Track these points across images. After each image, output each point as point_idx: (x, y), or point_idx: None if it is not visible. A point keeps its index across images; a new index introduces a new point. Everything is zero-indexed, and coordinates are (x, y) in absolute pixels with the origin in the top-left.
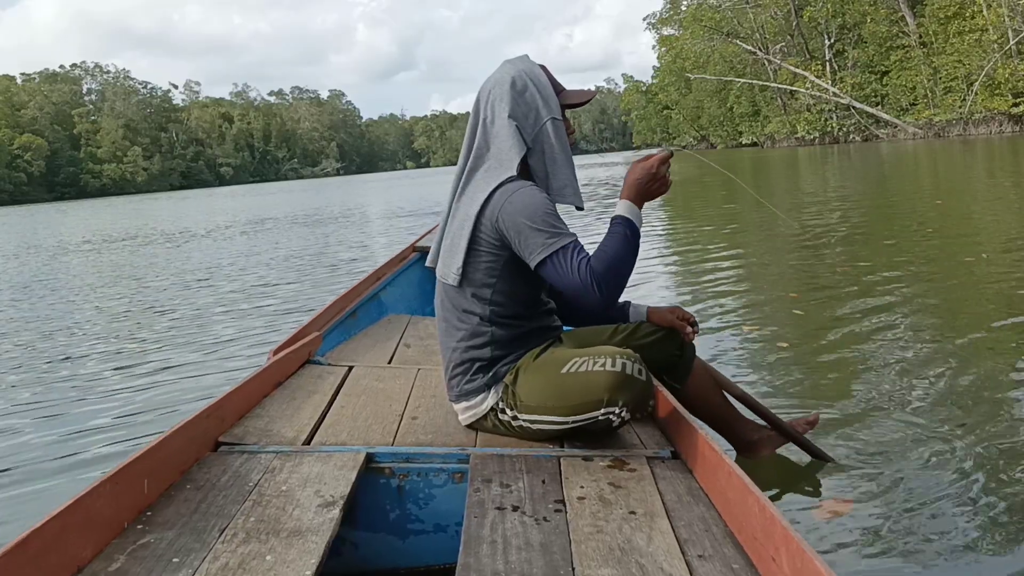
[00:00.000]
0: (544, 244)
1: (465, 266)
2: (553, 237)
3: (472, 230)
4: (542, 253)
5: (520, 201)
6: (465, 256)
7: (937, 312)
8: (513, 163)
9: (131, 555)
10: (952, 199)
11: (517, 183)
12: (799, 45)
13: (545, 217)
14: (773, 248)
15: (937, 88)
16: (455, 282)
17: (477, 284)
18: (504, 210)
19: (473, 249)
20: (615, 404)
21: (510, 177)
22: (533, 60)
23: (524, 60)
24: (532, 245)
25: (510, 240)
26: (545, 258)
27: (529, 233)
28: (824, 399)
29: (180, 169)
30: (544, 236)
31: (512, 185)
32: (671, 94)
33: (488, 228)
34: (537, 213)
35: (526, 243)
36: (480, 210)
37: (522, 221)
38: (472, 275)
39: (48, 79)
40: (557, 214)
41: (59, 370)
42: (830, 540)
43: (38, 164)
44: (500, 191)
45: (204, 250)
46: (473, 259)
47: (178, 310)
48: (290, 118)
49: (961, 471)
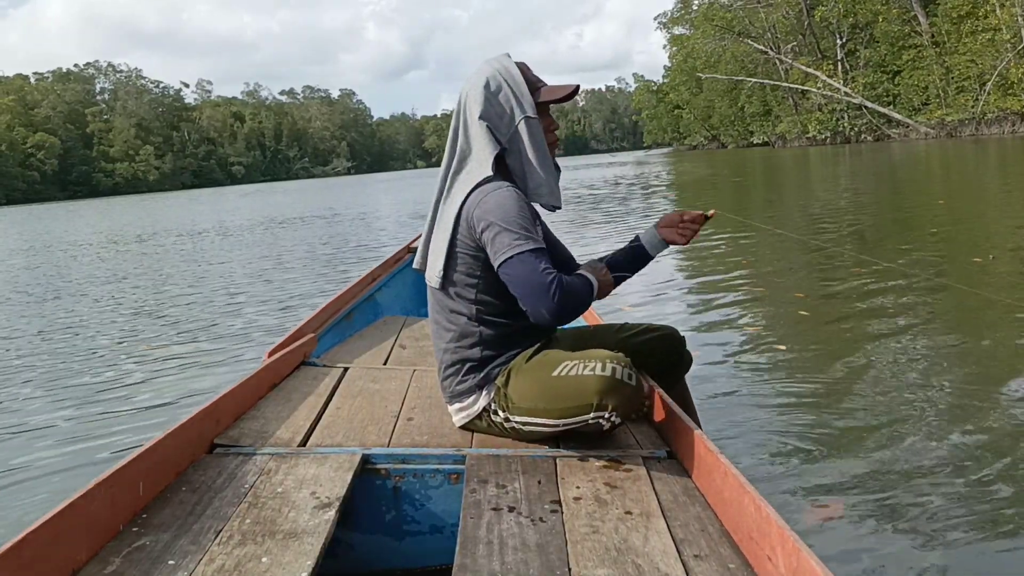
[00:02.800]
0: (511, 244)
1: (446, 268)
2: (521, 239)
3: (452, 231)
4: (507, 252)
5: (494, 201)
6: (446, 258)
7: (942, 314)
8: (487, 163)
9: (126, 558)
10: (962, 200)
11: (494, 183)
12: (811, 44)
13: (517, 219)
14: (781, 247)
15: (949, 88)
16: (437, 284)
17: (460, 285)
18: (478, 209)
19: (453, 250)
20: (604, 408)
21: (487, 177)
22: (512, 58)
23: (502, 59)
24: (499, 244)
25: (481, 240)
26: (510, 257)
27: (498, 232)
28: (823, 400)
29: (192, 168)
30: (512, 236)
31: (488, 186)
32: (682, 93)
33: (464, 229)
34: (510, 214)
35: (494, 242)
36: (458, 211)
37: (493, 220)
38: (454, 276)
39: (61, 78)
40: (531, 219)
41: (55, 371)
42: (826, 539)
43: (51, 163)
44: (476, 191)
45: (207, 250)
46: (454, 260)
47: (177, 310)
48: (301, 117)
49: (960, 472)
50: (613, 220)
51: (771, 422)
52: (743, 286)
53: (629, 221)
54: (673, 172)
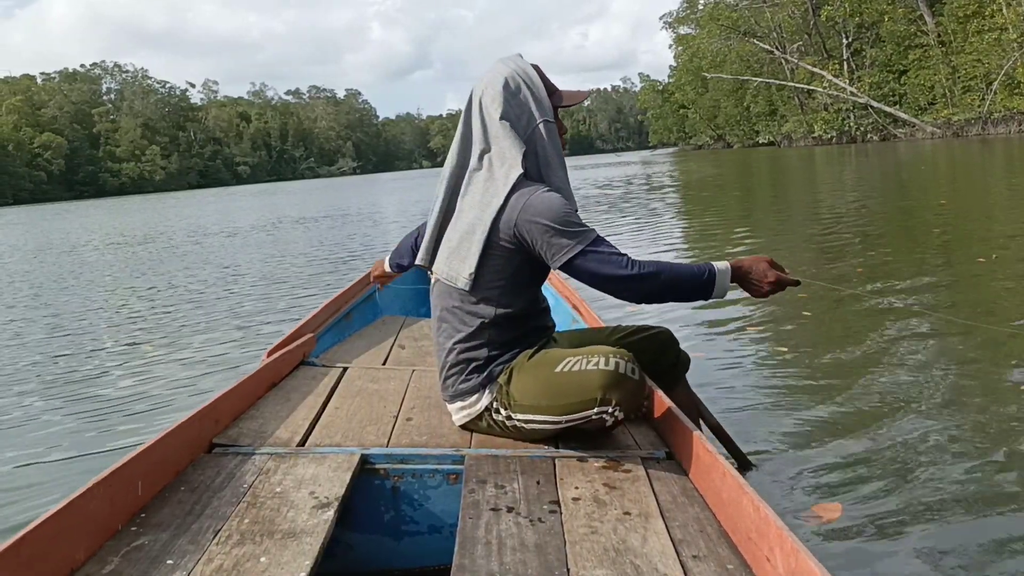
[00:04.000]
0: (573, 243)
1: (478, 269)
2: (580, 235)
3: (487, 235)
4: (571, 251)
5: (539, 205)
6: (479, 260)
7: (946, 314)
8: (518, 160)
9: (125, 557)
10: (968, 200)
11: (530, 187)
12: (816, 44)
13: (568, 217)
14: (787, 246)
15: (956, 87)
16: (467, 286)
17: (488, 287)
18: (522, 216)
19: (487, 253)
20: (608, 403)
21: (520, 179)
22: (526, 60)
23: (517, 59)
24: (558, 246)
25: (530, 244)
26: (576, 254)
27: (554, 235)
28: (824, 400)
29: (198, 168)
30: (570, 235)
31: (527, 190)
32: (688, 93)
33: (506, 233)
34: (559, 215)
35: (552, 245)
36: (496, 215)
37: (545, 224)
38: (484, 279)
39: (68, 78)
40: (577, 213)
41: (53, 371)
42: (825, 540)
43: (58, 163)
44: (515, 196)
45: (211, 250)
46: (486, 263)
47: (175, 312)
48: (307, 117)
49: (961, 472)
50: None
51: (771, 422)
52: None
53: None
54: (680, 172)
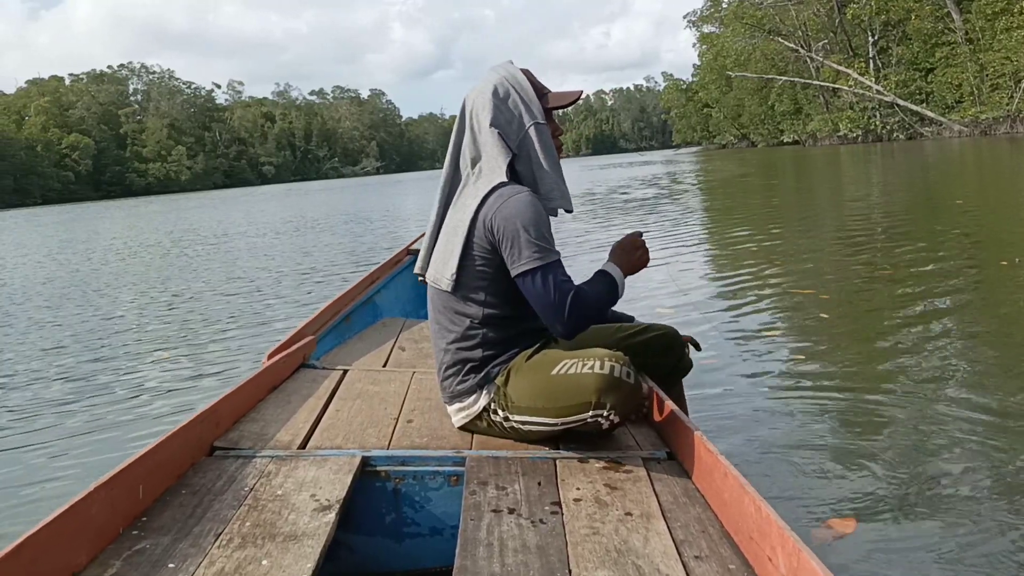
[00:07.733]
0: (532, 256)
1: (459, 271)
2: (542, 252)
3: (466, 235)
4: (528, 264)
5: (513, 207)
6: (459, 261)
7: (965, 319)
8: (502, 168)
9: (126, 561)
10: (995, 201)
11: (511, 188)
12: (842, 42)
13: (539, 228)
14: (810, 247)
15: (984, 85)
16: (449, 287)
17: (471, 287)
18: (497, 214)
19: (467, 254)
20: (603, 407)
21: (502, 182)
22: (516, 66)
23: (507, 66)
24: (519, 254)
25: (498, 241)
26: (529, 270)
27: (521, 241)
28: (827, 401)
29: (223, 168)
30: (533, 249)
31: (506, 190)
32: (712, 92)
33: (481, 232)
34: (531, 223)
35: (514, 249)
36: (474, 215)
37: (516, 227)
38: (465, 279)
39: (95, 79)
40: (549, 226)
41: (53, 373)
42: (824, 541)
43: (85, 163)
44: (494, 195)
45: (231, 251)
46: (467, 263)
47: (175, 312)
48: (331, 117)
49: (962, 473)
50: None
51: (772, 422)
52: (765, 285)
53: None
54: (704, 171)
